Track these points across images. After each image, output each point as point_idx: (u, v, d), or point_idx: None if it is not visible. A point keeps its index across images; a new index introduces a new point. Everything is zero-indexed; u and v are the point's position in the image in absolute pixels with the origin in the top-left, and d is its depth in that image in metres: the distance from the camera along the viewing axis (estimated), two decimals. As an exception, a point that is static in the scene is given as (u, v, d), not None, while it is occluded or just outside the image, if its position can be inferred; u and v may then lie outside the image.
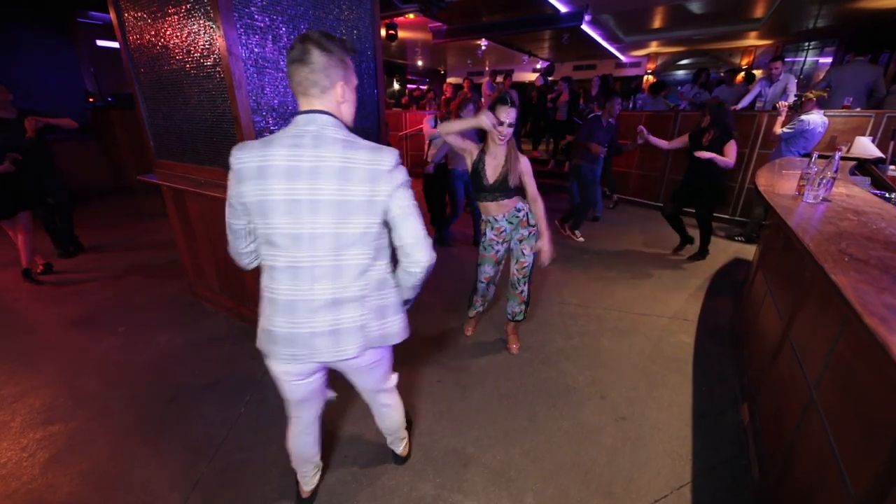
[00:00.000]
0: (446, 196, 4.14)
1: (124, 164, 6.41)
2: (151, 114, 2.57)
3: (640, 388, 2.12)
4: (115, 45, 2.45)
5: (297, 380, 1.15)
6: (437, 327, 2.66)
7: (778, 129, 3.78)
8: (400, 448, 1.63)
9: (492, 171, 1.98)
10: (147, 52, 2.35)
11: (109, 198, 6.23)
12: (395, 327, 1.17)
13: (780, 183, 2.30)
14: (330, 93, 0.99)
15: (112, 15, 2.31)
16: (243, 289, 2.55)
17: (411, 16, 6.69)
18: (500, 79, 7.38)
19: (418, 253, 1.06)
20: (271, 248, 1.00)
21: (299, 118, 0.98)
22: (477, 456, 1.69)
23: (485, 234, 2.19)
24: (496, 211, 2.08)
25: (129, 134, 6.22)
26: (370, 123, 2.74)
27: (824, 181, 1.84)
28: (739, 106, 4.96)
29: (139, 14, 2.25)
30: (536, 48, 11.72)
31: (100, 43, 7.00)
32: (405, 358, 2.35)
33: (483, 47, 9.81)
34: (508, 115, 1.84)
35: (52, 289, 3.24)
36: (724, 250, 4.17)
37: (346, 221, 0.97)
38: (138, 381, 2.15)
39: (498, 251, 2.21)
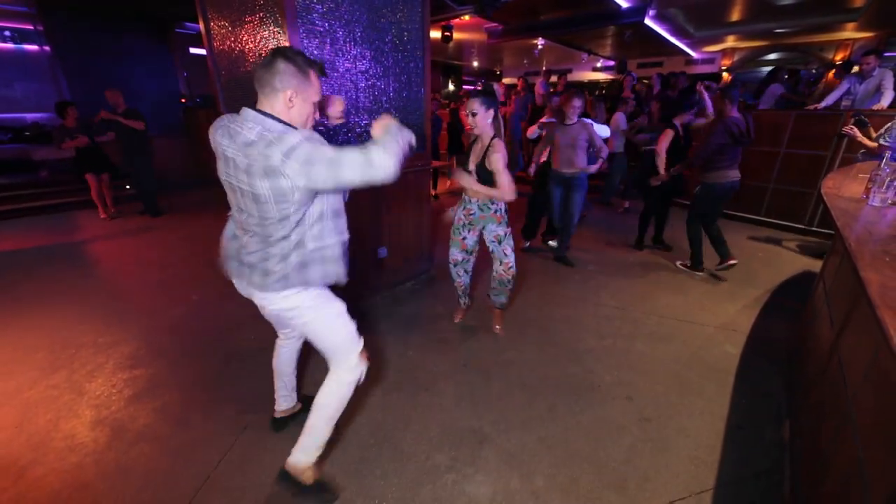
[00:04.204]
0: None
1: (210, 158, 7.24)
2: (229, 111, 2.92)
3: (671, 394, 2.05)
4: (203, 51, 2.82)
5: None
6: (471, 317, 2.75)
7: (870, 143, 3.27)
8: (300, 464, 1.37)
9: (474, 157, 2.14)
10: (227, 57, 2.68)
11: (193, 188, 7.04)
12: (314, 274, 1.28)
13: (848, 185, 2.09)
14: (279, 95, 1.17)
15: (201, 25, 2.67)
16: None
17: (467, 17, 6.80)
18: (554, 78, 7.25)
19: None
20: None
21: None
22: (493, 437, 1.76)
23: (457, 213, 2.33)
24: (472, 193, 2.21)
25: (213, 131, 7.05)
26: (416, 120, 2.90)
27: (894, 183, 1.66)
28: (823, 104, 4.47)
29: (222, 23, 2.58)
30: (597, 46, 11.29)
31: (192, 50, 7.94)
32: (433, 343, 2.47)
33: (540, 46, 9.67)
34: (468, 105, 2.01)
35: (139, 259, 3.79)
36: (792, 263, 3.80)
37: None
38: (206, 340, 2.48)
39: (465, 238, 2.33)
